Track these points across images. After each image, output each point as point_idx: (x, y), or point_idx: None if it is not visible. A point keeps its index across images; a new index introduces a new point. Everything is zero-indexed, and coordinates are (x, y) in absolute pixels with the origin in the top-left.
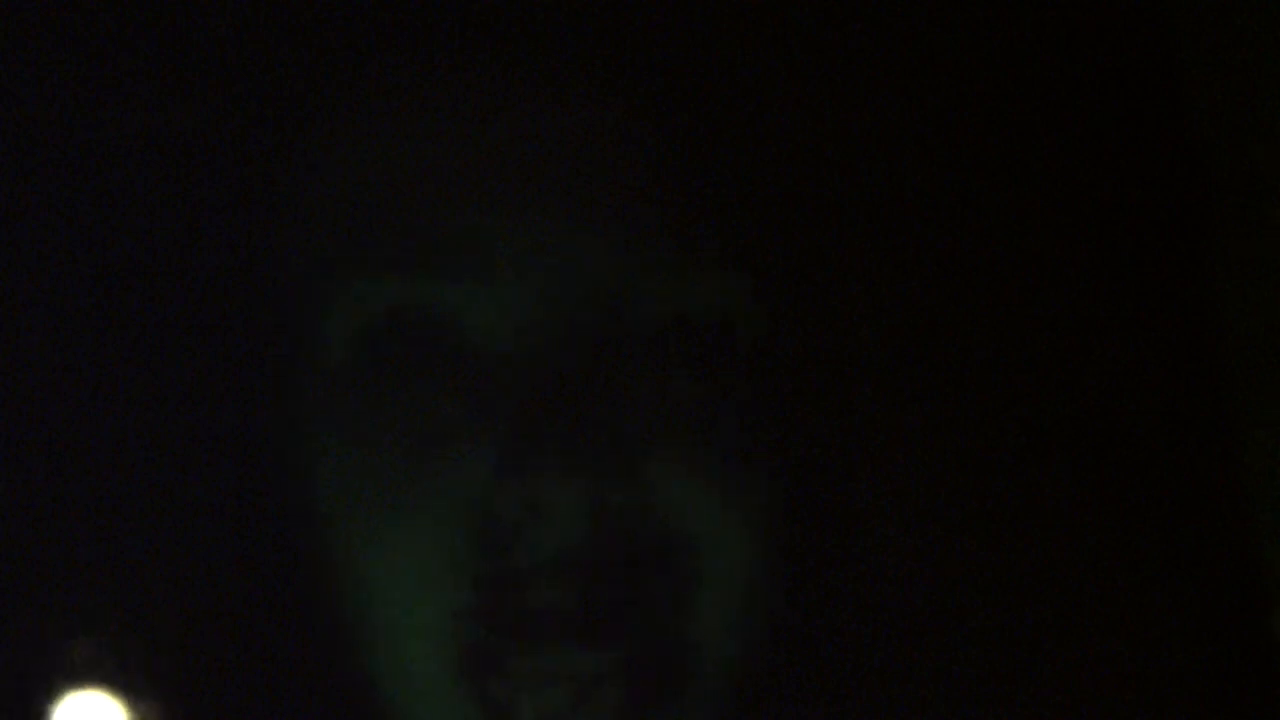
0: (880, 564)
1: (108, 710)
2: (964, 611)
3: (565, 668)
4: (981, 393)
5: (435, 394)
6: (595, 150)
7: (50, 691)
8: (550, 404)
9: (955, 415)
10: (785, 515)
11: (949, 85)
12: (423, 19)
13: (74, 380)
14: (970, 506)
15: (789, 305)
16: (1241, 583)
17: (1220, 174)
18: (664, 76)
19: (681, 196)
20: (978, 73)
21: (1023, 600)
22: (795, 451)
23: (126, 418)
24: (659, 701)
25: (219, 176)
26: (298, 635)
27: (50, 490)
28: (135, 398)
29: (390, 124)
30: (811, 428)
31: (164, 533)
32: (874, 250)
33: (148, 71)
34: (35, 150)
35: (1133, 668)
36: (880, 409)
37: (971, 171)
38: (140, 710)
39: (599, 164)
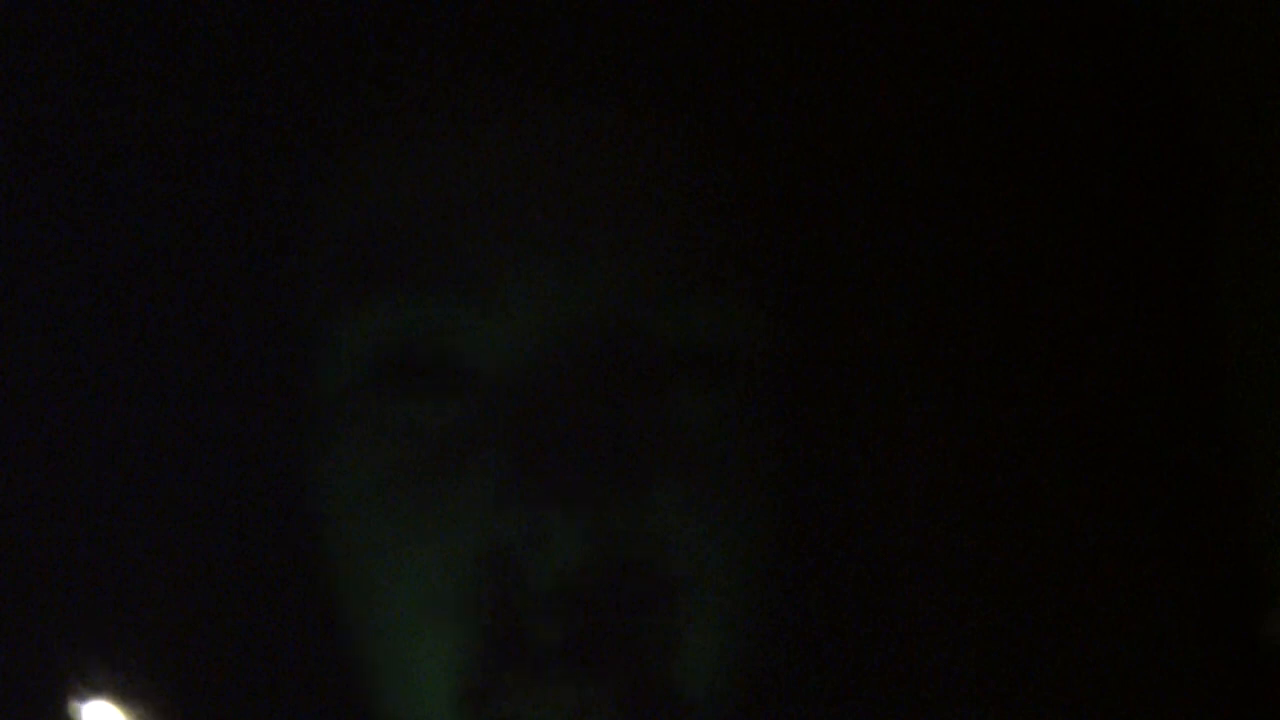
0: (882, 585)
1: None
2: (964, 611)
3: (565, 696)
4: (982, 393)
5: (437, 418)
6: (602, 173)
7: (54, 702)
8: (553, 428)
9: (956, 415)
10: (787, 541)
11: (950, 85)
12: (438, 43)
13: (79, 394)
14: (970, 506)
15: (793, 326)
16: (1241, 583)
17: (1221, 174)
18: (669, 98)
19: (690, 222)
20: (979, 73)
21: (1023, 600)
22: (798, 474)
23: (132, 436)
24: None
25: (230, 192)
26: (294, 658)
27: (52, 497)
28: (142, 416)
29: (401, 144)
30: (816, 453)
31: (166, 549)
32: (875, 251)
33: (159, 79)
34: (38, 151)
35: (1133, 668)
36: (885, 430)
37: (973, 172)
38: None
39: (606, 187)
